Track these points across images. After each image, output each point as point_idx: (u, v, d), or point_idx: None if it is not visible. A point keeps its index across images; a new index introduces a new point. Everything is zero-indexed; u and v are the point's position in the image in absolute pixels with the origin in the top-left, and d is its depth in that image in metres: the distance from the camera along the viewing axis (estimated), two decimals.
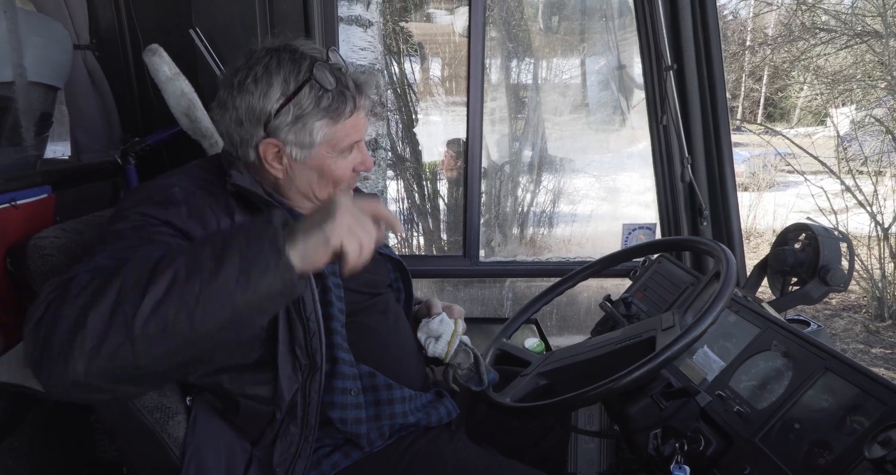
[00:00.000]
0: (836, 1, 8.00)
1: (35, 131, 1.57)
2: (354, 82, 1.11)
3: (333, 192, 1.17)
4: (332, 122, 1.09)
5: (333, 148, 1.12)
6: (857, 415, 1.01)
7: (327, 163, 1.13)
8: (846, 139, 6.53)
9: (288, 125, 1.07)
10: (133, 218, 0.98)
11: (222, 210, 1.06)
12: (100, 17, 1.79)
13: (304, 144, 1.09)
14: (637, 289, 1.85)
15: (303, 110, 1.07)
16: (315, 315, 1.08)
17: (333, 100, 1.08)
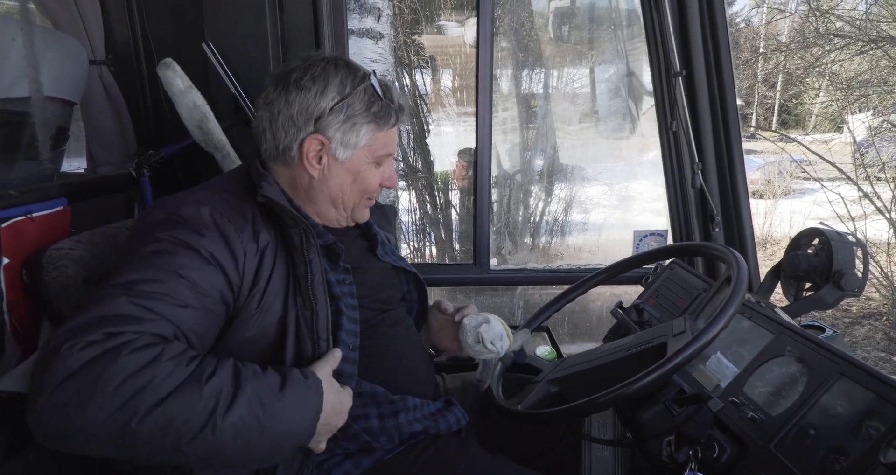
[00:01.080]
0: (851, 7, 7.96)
1: (52, 145, 1.61)
2: (399, 99, 1.19)
3: (360, 200, 1.22)
4: (377, 129, 1.16)
5: (372, 154, 1.17)
6: (872, 421, 0.99)
7: (364, 168, 1.18)
8: (863, 145, 6.46)
9: (338, 123, 1.13)
10: (162, 239, 0.97)
11: (249, 233, 1.05)
12: (115, 33, 1.83)
13: (348, 144, 1.15)
14: (649, 296, 1.83)
15: (354, 111, 1.13)
16: (326, 333, 1.08)
17: (382, 108, 1.15)
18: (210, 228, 1.01)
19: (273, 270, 1.07)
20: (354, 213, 1.24)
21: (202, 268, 0.97)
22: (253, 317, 1.04)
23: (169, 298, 0.91)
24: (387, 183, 1.23)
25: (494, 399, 1.30)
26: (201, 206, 1.03)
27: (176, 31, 1.83)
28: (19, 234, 1.21)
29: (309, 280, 1.07)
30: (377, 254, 1.35)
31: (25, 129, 1.50)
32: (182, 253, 0.96)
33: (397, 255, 1.42)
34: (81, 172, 1.88)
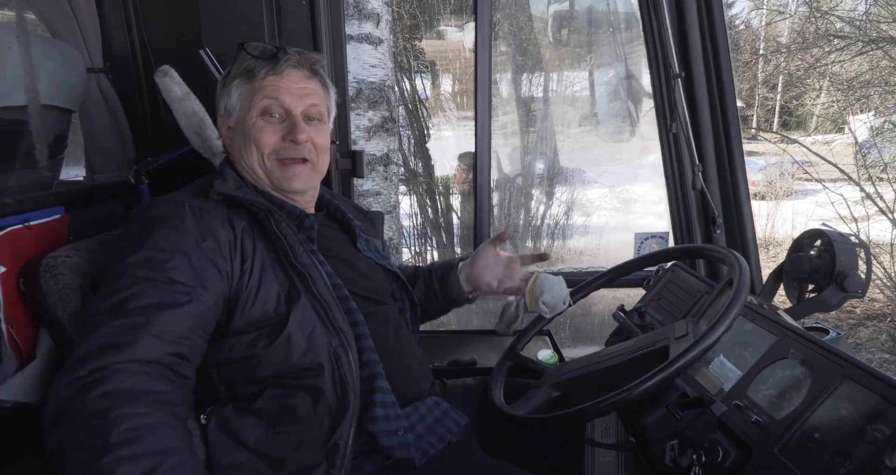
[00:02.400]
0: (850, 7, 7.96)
1: (49, 153, 1.60)
2: (283, 50, 1.18)
3: (263, 161, 1.19)
4: (247, 80, 1.17)
5: (251, 106, 1.16)
6: (877, 424, 0.98)
7: (248, 123, 1.17)
8: (865, 146, 6.45)
9: (221, 95, 1.21)
10: (146, 247, 1.01)
11: (225, 220, 1.10)
12: (113, 41, 1.83)
13: (229, 109, 1.20)
14: (651, 299, 1.82)
15: (228, 77, 1.20)
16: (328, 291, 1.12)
17: (251, 62, 1.17)
18: (191, 222, 1.05)
19: (255, 252, 1.11)
20: (274, 177, 1.21)
21: (189, 264, 1.01)
22: (252, 297, 1.07)
23: (159, 309, 0.95)
24: (289, 136, 1.17)
25: (496, 404, 1.29)
26: (181, 203, 1.08)
27: (173, 38, 1.83)
28: (16, 242, 1.20)
29: (290, 253, 1.11)
30: (359, 248, 1.35)
31: (23, 138, 1.50)
32: (168, 255, 1.01)
33: (381, 254, 1.42)
34: (80, 180, 1.88)
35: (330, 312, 1.11)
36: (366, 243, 1.38)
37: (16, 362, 1.17)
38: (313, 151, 1.21)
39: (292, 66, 1.17)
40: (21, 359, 1.18)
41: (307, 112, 1.20)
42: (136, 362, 0.90)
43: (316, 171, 1.25)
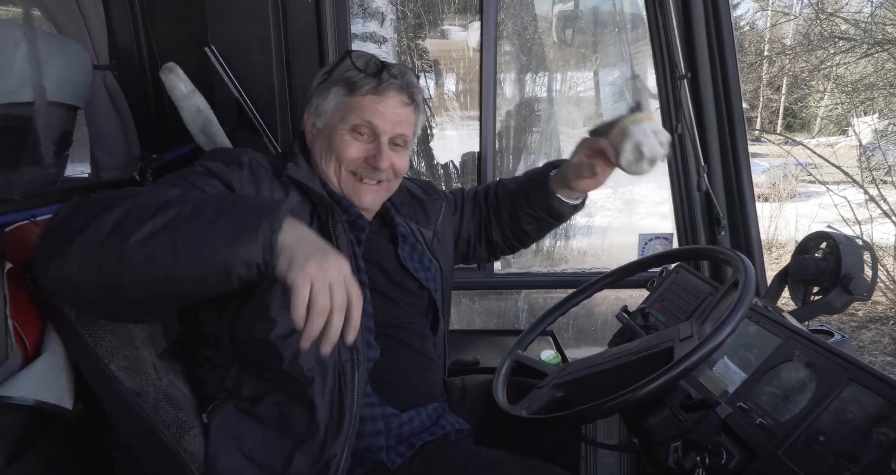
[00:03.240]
0: (856, 9, 7.94)
1: (55, 150, 1.60)
2: (388, 69, 1.19)
3: (340, 171, 1.21)
4: (348, 93, 1.18)
5: (343, 119, 1.18)
6: (883, 427, 0.97)
7: (336, 133, 1.19)
8: (869, 148, 6.44)
9: (317, 92, 1.23)
10: (193, 168, 1.10)
11: (279, 185, 1.16)
12: (119, 38, 1.83)
13: (322, 110, 1.22)
14: (654, 300, 1.82)
15: (330, 81, 1.21)
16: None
17: (357, 75, 1.18)
18: (243, 169, 1.12)
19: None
20: (345, 188, 1.23)
21: (222, 192, 1.07)
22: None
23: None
24: (372, 160, 1.19)
25: (499, 404, 1.29)
26: (244, 154, 1.16)
27: (179, 36, 1.83)
28: (23, 238, 1.21)
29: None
30: (399, 256, 1.33)
31: (29, 135, 1.50)
32: (205, 176, 1.07)
33: (423, 264, 1.38)
34: (85, 177, 1.88)
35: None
36: (410, 249, 1.36)
37: (21, 358, 1.17)
38: (391, 174, 1.25)
39: (394, 91, 1.19)
40: (26, 356, 1.18)
41: (394, 139, 1.22)
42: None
43: (388, 190, 1.29)
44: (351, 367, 1.11)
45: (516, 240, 1.60)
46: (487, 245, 1.60)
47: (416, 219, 1.41)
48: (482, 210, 1.58)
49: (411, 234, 1.38)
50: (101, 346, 1.12)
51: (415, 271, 1.34)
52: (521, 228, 1.54)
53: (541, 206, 1.47)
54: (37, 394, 1.13)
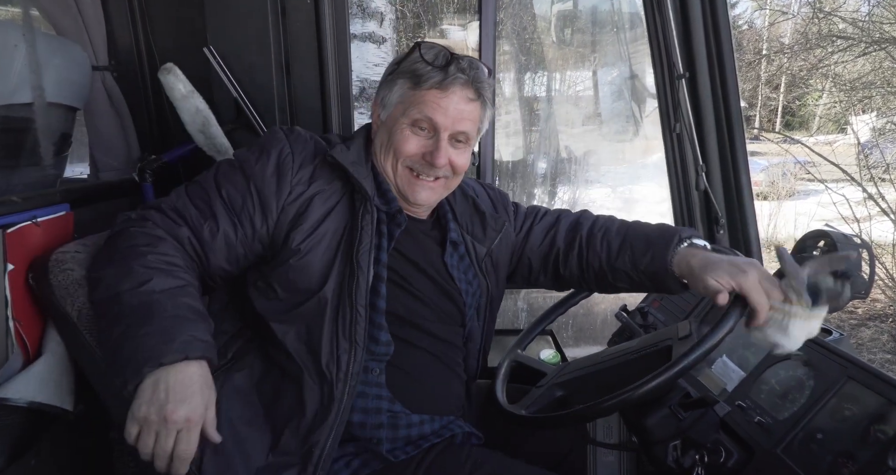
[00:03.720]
0: (853, 8, 7.94)
1: (55, 151, 1.61)
2: (457, 62, 1.15)
3: (397, 166, 1.20)
4: (413, 86, 1.16)
5: (405, 113, 1.16)
6: (880, 425, 0.98)
7: (397, 127, 1.18)
8: (867, 146, 6.44)
9: (384, 83, 1.21)
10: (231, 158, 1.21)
11: (306, 175, 1.17)
12: (118, 39, 1.83)
13: (387, 102, 1.20)
14: (654, 299, 1.83)
15: (397, 70, 1.18)
16: (365, 301, 1.13)
17: (424, 68, 1.14)
18: (270, 159, 1.16)
19: (323, 221, 1.16)
20: (401, 183, 1.22)
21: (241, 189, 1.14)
22: (290, 259, 1.13)
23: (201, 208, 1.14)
24: (429, 156, 1.17)
25: (499, 403, 1.29)
26: (283, 142, 1.19)
27: (178, 37, 1.83)
28: (24, 239, 1.21)
29: (356, 245, 1.14)
30: (447, 265, 1.30)
31: (28, 136, 1.50)
32: (233, 175, 1.16)
33: (467, 277, 1.33)
34: (84, 178, 1.88)
35: (354, 319, 1.12)
36: (458, 259, 1.33)
37: (22, 358, 1.17)
38: (449, 171, 1.22)
39: (460, 85, 1.15)
40: (27, 356, 1.18)
41: (455, 135, 1.19)
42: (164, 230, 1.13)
43: (446, 188, 1.26)
44: (347, 359, 1.12)
45: (596, 287, 1.44)
46: (554, 279, 1.46)
47: (472, 232, 1.35)
48: (560, 247, 1.41)
49: (463, 245, 1.34)
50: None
51: (459, 281, 1.31)
52: (610, 284, 1.38)
53: (649, 277, 1.29)
54: (37, 396, 1.14)
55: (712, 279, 1.08)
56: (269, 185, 1.15)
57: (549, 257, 1.43)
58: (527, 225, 1.45)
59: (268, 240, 1.17)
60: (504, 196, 1.50)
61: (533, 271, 1.46)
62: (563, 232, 1.42)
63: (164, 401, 0.95)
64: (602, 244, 1.36)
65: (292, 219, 1.15)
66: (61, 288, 1.14)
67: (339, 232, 1.16)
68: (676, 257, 1.22)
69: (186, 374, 0.98)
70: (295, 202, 1.15)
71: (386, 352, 1.19)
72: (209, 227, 1.13)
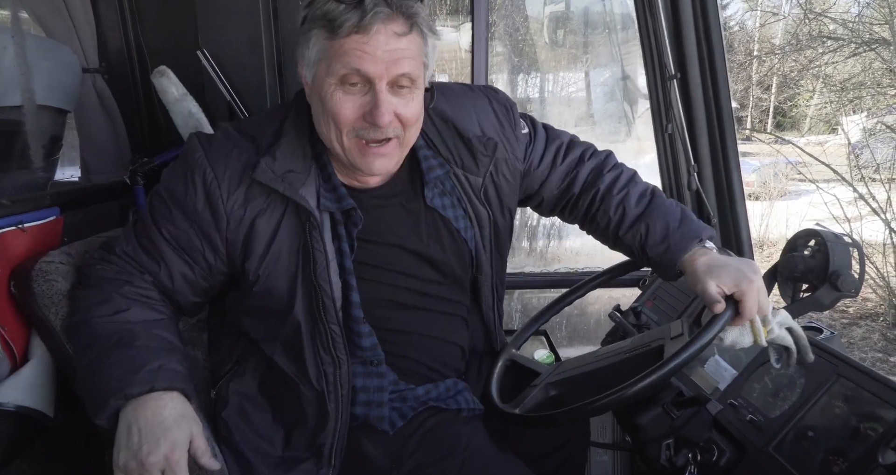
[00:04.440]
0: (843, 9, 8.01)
1: (44, 154, 1.60)
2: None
3: (342, 138, 1.02)
4: (329, 34, 0.95)
5: (329, 69, 0.96)
6: (870, 422, 0.99)
7: (325, 89, 0.98)
8: (857, 147, 6.49)
9: (300, 42, 1.01)
10: (158, 195, 1.11)
11: (240, 199, 1.06)
12: (109, 41, 1.83)
13: (308, 61, 1.00)
14: (647, 299, 1.83)
15: (308, 17, 0.98)
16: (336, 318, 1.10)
17: (336, 8, 0.94)
18: (197, 188, 1.05)
19: (273, 241, 1.07)
20: (352, 157, 1.04)
21: (182, 227, 1.08)
22: (253, 287, 1.09)
23: (150, 252, 1.10)
24: (370, 117, 0.98)
25: (493, 401, 1.29)
26: (202, 164, 1.05)
27: (170, 39, 1.83)
28: (9, 244, 1.20)
29: (311, 266, 1.07)
30: (425, 198, 1.16)
31: (18, 138, 1.50)
32: (169, 207, 1.08)
33: (464, 212, 1.20)
34: (75, 181, 1.87)
35: (330, 337, 1.10)
36: (445, 195, 1.19)
37: (9, 364, 1.16)
38: (399, 127, 1.02)
39: (382, 21, 0.93)
40: (14, 362, 1.17)
41: (395, 81, 0.98)
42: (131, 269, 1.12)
43: (402, 146, 1.06)
44: (333, 372, 1.11)
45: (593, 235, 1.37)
46: (560, 215, 1.39)
47: (462, 164, 1.17)
48: (575, 192, 1.31)
49: (452, 179, 1.18)
50: None
51: (454, 221, 1.19)
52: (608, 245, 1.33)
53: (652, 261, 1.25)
54: (23, 400, 1.13)
55: (714, 283, 1.05)
56: (204, 219, 1.06)
57: (561, 199, 1.34)
58: (548, 160, 1.30)
59: (226, 269, 1.13)
60: (512, 109, 1.28)
61: (543, 205, 1.37)
62: (581, 177, 1.30)
63: (138, 445, 0.92)
64: (617, 209, 1.26)
65: (242, 246, 1.08)
66: (45, 297, 1.13)
67: (294, 248, 1.08)
68: (688, 254, 1.18)
69: (156, 410, 0.95)
70: (237, 229, 1.07)
71: (372, 343, 1.15)
72: (164, 272, 1.10)
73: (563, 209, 1.37)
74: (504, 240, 1.30)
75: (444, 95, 1.19)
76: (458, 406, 1.24)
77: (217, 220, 1.06)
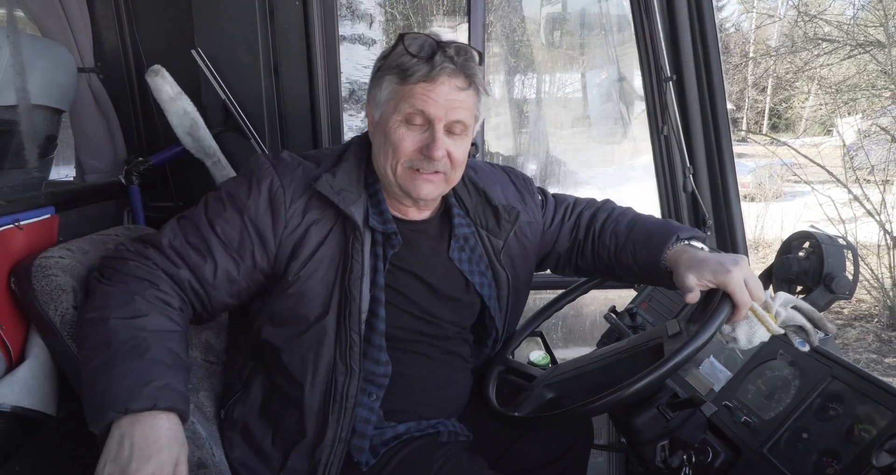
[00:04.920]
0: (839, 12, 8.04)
1: (40, 153, 1.59)
2: (443, 51, 1.11)
3: (397, 167, 1.17)
4: (400, 81, 1.13)
5: (397, 109, 1.13)
6: (864, 424, 0.99)
7: (391, 125, 1.15)
8: (852, 148, 6.52)
9: (373, 81, 1.18)
10: (218, 194, 1.19)
11: (300, 206, 1.17)
12: (104, 41, 1.82)
13: (378, 102, 1.17)
14: (642, 300, 1.84)
15: (384, 66, 1.15)
16: (359, 327, 1.16)
17: (410, 60, 1.11)
18: (261, 194, 1.15)
19: (318, 249, 1.16)
20: (403, 183, 1.18)
21: (237, 227, 1.15)
22: (289, 289, 1.16)
23: (198, 247, 1.14)
24: (426, 150, 1.13)
25: (489, 404, 1.29)
26: (271, 174, 1.17)
27: (166, 39, 1.82)
28: (6, 242, 1.19)
29: (347, 274, 1.16)
30: (451, 258, 1.29)
31: (13, 138, 1.49)
32: (225, 212, 1.15)
33: (480, 269, 1.32)
34: (70, 180, 1.86)
35: (349, 345, 1.15)
36: (470, 252, 1.32)
37: (5, 364, 1.16)
38: (448, 164, 1.18)
39: (448, 75, 1.11)
40: (10, 362, 1.17)
41: (450, 127, 1.15)
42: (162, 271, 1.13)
43: (447, 182, 1.22)
44: (344, 380, 1.16)
45: (608, 276, 1.47)
46: (575, 268, 1.50)
47: (487, 226, 1.33)
48: (580, 239, 1.45)
49: (475, 238, 1.32)
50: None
51: (469, 274, 1.31)
52: (617, 275, 1.41)
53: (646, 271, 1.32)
54: (21, 400, 1.12)
55: (692, 276, 1.11)
56: (264, 220, 1.15)
57: (572, 249, 1.46)
58: (557, 219, 1.45)
59: (269, 271, 1.18)
60: (528, 182, 1.47)
61: (560, 262, 1.50)
62: (583, 224, 1.45)
63: (127, 460, 0.93)
64: (611, 237, 1.39)
65: (291, 250, 1.16)
66: (44, 293, 1.13)
67: (335, 259, 1.17)
68: (670, 253, 1.24)
69: (153, 428, 0.96)
70: (292, 234, 1.16)
71: (385, 372, 1.20)
72: (209, 266, 1.14)
73: (577, 259, 1.47)
74: (522, 297, 1.44)
75: (473, 169, 1.37)
76: (436, 430, 1.27)
77: (276, 223, 1.15)
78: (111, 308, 1.06)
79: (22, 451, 1.22)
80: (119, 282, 1.10)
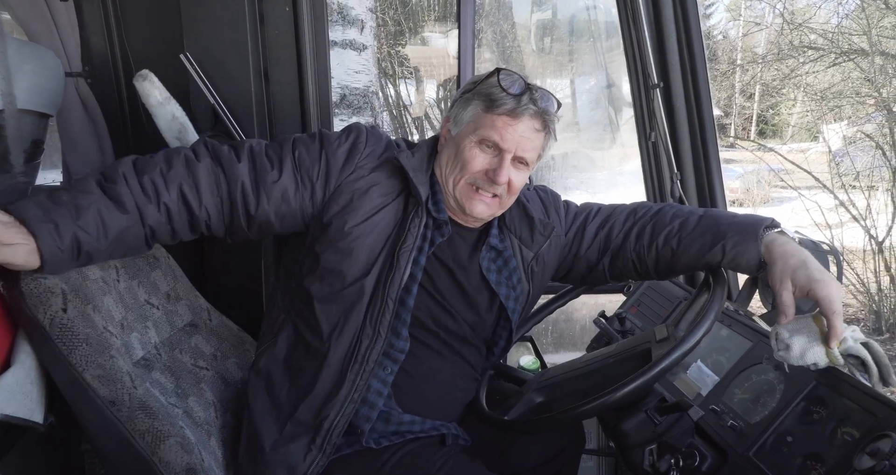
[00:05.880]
0: (823, 20, 8.15)
1: (26, 158, 1.58)
2: (530, 93, 1.21)
3: (460, 181, 1.25)
4: (486, 108, 1.21)
5: (475, 131, 1.22)
6: (847, 427, 1.00)
7: (465, 143, 1.23)
8: (838, 155, 6.60)
9: (459, 102, 1.28)
10: (313, 134, 1.30)
11: (369, 167, 1.26)
12: (92, 45, 1.81)
13: (459, 119, 1.26)
14: (631, 305, 1.85)
15: (474, 91, 1.24)
16: (396, 294, 1.21)
17: (499, 93, 1.20)
18: (349, 139, 1.27)
19: (377, 212, 1.24)
20: (459, 196, 1.26)
21: (314, 156, 1.24)
22: (339, 242, 1.21)
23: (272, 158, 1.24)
24: (492, 173, 1.22)
25: (479, 408, 1.30)
26: (363, 133, 1.28)
27: (154, 43, 1.81)
28: None
29: (399, 243, 1.23)
30: (481, 267, 1.34)
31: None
32: (314, 140, 1.27)
33: (510, 282, 1.37)
34: (57, 185, 1.85)
35: (382, 310, 1.20)
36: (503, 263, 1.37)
37: None
38: (505, 190, 1.26)
39: (530, 116, 1.20)
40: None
41: (518, 158, 1.23)
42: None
43: (501, 206, 1.30)
44: (368, 344, 1.20)
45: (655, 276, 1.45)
46: (611, 273, 1.47)
47: (520, 236, 1.40)
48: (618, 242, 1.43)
49: (510, 249, 1.38)
50: (74, 355, 1.10)
51: (496, 285, 1.35)
52: (672, 270, 1.40)
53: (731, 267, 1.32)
54: (6, 408, 1.11)
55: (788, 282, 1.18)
56: (338, 159, 1.24)
57: (605, 253, 1.44)
58: (577, 224, 1.48)
59: (319, 206, 1.25)
60: (556, 197, 1.55)
61: (592, 269, 1.48)
62: (618, 225, 1.43)
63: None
64: (672, 231, 1.36)
65: (347, 200, 1.23)
66: (33, 296, 1.12)
67: (389, 226, 1.24)
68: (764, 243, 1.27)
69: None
70: (355, 183, 1.24)
71: (403, 348, 1.24)
72: (272, 176, 1.22)
73: (613, 260, 1.44)
74: (530, 309, 1.50)
75: None
76: (439, 432, 1.30)
77: (346, 165, 1.25)
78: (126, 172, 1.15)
79: (7, 458, 1.21)
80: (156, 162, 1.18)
